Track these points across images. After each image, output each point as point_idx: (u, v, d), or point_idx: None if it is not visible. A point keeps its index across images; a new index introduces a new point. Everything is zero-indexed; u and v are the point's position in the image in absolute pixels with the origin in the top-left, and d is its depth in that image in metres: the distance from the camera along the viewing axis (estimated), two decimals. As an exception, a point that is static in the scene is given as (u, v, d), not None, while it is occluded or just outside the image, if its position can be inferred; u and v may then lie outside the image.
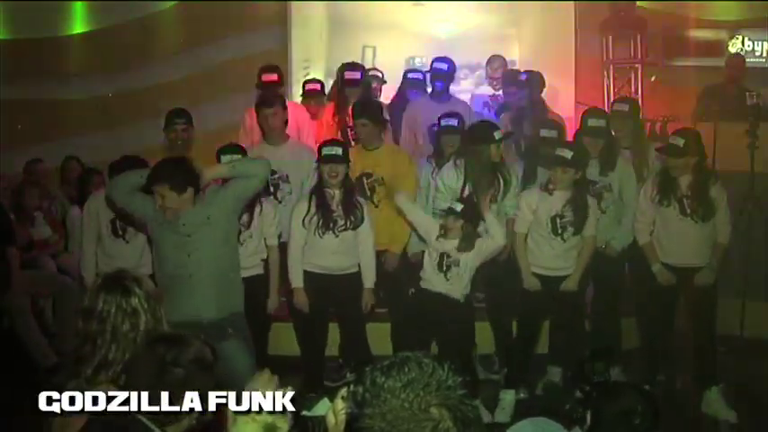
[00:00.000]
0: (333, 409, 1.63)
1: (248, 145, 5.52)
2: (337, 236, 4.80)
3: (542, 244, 4.87)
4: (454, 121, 5.32)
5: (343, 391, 1.61)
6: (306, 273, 4.87)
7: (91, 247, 5.04)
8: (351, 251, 4.88)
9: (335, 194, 4.81)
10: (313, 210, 4.79)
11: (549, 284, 4.87)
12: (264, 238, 4.91)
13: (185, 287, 3.99)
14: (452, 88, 6.39)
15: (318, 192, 4.82)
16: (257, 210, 4.81)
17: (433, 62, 6.24)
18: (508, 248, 5.01)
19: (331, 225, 4.78)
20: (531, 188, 4.99)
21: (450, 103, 6.03)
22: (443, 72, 6.14)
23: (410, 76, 6.63)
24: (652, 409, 2.55)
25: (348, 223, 4.81)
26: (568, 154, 4.73)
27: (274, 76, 6.10)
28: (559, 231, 4.82)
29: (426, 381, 1.44)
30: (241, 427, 1.85)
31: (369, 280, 4.92)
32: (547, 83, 6.64)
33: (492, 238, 4.69)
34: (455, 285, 4.70)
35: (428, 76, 6.33)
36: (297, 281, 4.86)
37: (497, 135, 4.96)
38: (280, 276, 4.97)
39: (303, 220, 4.79)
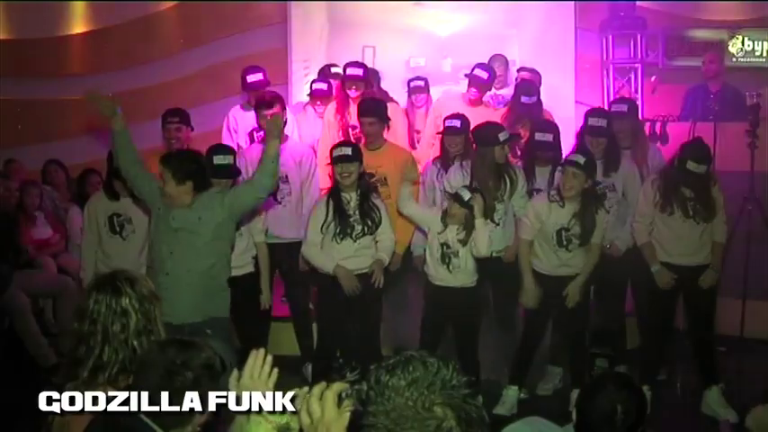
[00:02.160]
0: (306, 409, 1.61)
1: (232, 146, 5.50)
2: (355, 241, 4.81)
3: (548, 253, 4.88)
4: (457, 123, 5.32)
5: (316, 390, 1.60)
6: (323, 275, 4.88)
7: (91, 249, 5.05)
8: (367, 252, 4.87)
9: (352, 198, 4.81)
10: (330, 216, 4.78)
11: (552, 284, 4.88)
12: (252, 236, 4.92)
13: (162, 286, 3.90)
14: (453, 88, 6.40)
15: (335, 196, 4.82)
16: None
17: (474, 68, 6.19)
18: (513, 251, 5.02)
19: (348, 231, 4.78)
20: (542, 195, 4.97)
21: (481, 108, 6.00)
22: (483, 81, 6.12)
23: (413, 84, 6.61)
24: (635, 404, 2.50)
25: (366, 229, 4.80)
26: (581, 159, 4.72)
27: (259, 76, 6.07)
28: (564, 243, 4.82)
29: (431, 380, 1.45)
30: (253, 428, 1.84)
31: (383, 256, 4.88)
32: (547, 83, 6.64)
33: (475, 247, 4.69)
34: (459, 277, 4.74)
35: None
36: (329, 265, 4.81)
37: (502, 136, 4.95)
38: (270, 273, 5.02)
39: (321, 227, 4.79)
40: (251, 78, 6.05)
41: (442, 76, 7.52)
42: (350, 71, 6.03)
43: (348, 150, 4.80)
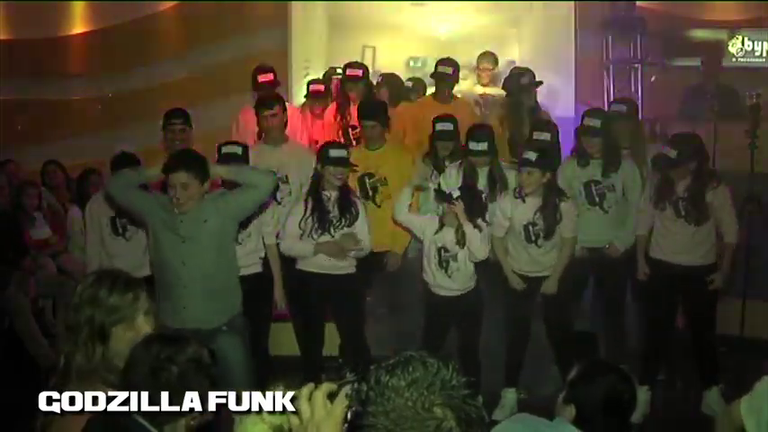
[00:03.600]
0: (298, 410, 1.61)
1: None
2: (333, 236, 4.79)
3: (520, 250, 4.90)
4: (449, 125, 5.31)
5: (305, 391, 1.60)
6: (303, 273, 4.87)
7: (95, 250, 5.05)
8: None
9: (332, 195, 4.80)
10: (308, 212, 4.78)
11: (531, 283, 4.91)
12: (263, 237, 4.91)
13: (181, 298, 3.98)
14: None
15: (315, 195, 4.80)
16: None
17: (437, 65, 6.16)
18: None
19: (327, 226, 4.77)
20: (507, 194, 4.97)
21: (453, 104, 6.01)
22: (449, 77, 6.10)
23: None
24: (631, 386, 2.55)
25: (344, 221, 4.79)
26: (533, 156, 4.72)
27: (270, 76, 6.09)
28: (533, 239, 4.84)
29: (430, 380, 1.44)
30: (249, 428, 1.84)
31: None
32: (547, 83, 6.64)
33: (471, 254, 4.68)
34: (458, 281, 4.74)
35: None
36: (309, 249, 4.78)
37: (471, 146, 4.96)
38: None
39: (300, 223, 4.79)
40: (262, 78, 6.06)
41: (441, 77, 7.50)
42: (350, 71, 6.02)
43: (346, 153, 4.81)
